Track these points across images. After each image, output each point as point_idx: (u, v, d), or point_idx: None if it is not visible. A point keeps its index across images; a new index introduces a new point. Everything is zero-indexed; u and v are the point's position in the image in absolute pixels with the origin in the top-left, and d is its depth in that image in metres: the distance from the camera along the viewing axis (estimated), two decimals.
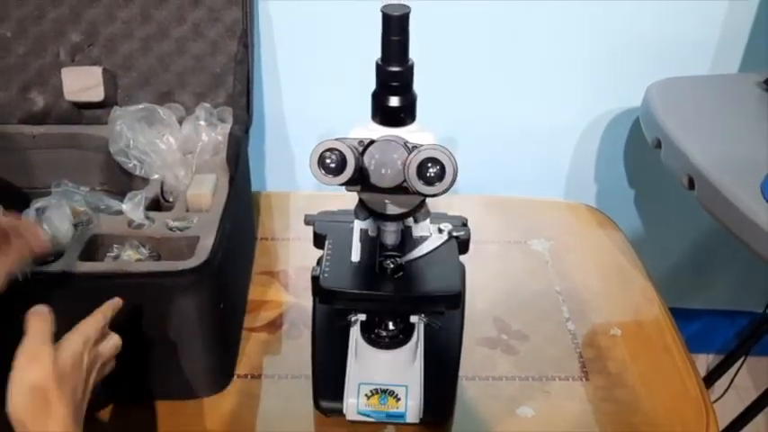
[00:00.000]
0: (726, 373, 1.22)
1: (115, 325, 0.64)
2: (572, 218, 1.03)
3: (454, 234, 0.64)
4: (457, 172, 0.48)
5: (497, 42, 1.00)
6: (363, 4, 0.92)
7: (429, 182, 0.48)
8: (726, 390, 1.20)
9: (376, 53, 0.52)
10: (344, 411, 0.65)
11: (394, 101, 0.52)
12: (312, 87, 1.03)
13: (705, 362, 1.39)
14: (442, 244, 0.63)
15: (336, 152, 0.48)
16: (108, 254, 0.68)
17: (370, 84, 0.53)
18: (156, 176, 0.79)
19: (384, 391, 0.64)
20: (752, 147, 0.80)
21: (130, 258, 0.67)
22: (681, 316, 0.88)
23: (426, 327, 0.66)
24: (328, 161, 0.49)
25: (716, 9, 0.98)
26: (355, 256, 0.61)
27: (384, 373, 0.65)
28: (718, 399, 1.17)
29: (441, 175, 0.48)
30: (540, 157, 1.11)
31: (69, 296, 0.62)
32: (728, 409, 1.11)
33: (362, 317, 0.65)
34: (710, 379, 1.24)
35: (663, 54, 1.00)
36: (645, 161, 1.10)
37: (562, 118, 1.07)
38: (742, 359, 1.18)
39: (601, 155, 1.11)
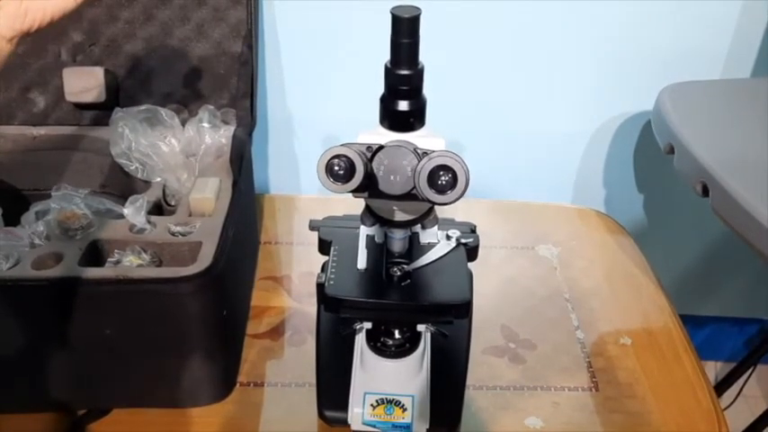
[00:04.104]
0: (735, 382, 1.21)
1: (116, 332, 0.63)
2: (581, 223, 1.01)
3: (462, 241, 0.63)
4: (469, 180, 0.46)
5: (506, 45, 0.99)
6: (372, 5, 0.91)
7: (440, 190, 0.47)
8: (734, 399, 1.18)
9: (384, 55, 0.50)
10: (349, 421, 0.63)
11: (403, 105, 0.51)
12: (318, 89, 1.02)
13: (714, 369, 1.37)
14: (451, 251, 0.62)
15: (344, 159, 0.47)
16: (108, 259, 0.67)
17: (378, 87, 0.52)
18: (159, 179, 0.78)
19: (390, 401, 0.63)
20: (767, 154, 0.79)
21: (131, 264, 0.65)
22: (690, 323, 0.86)
23: (433, 336, 0.64)
24: (336, 168, 0.47)
25: (728, 13, 0.96)
26: (361, 263, 0.60)
27: (390, 382, 0.63)
28: (726, 407, 1.15)
29: (452, 184, 0.46)
30: (549, 161, 1.09)
31: (69, 303, 0.61)
32: (738, 419, 1.09)
33: (368, 325, 0.63)
34: (720, 388, 1.22)
35: (674, 58, 0.99)
36: (655, 166, 1.08)
37: (572, 122, 1.06)
38: (751, 368, 1.16)
39: (611, 160, 1.10)
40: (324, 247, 0.65)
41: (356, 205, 0.58)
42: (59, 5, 0.48)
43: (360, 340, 0.64)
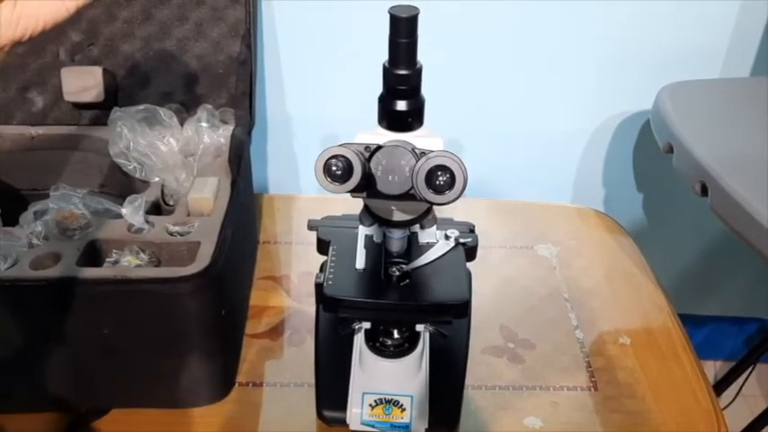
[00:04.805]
0: (734, 381, 1.21)
1: (114, 332, 0.63)
2: (580, 223, 1.01)
3: (461, 241, 0.63)
4: (467, 180, 0.46)
5: (505, 45, 0.99)
6: (371, 5, 0.91)
7: (438, 190, 0.47)
8: (734, 398, 1.18)
9: (383, 55, 0.50)
10: (348, 421, 0.63)
11: (401, 105, 0.51)
12: (316, 89, 1.02)
13: (713, 369, 1.37)
14: (449, 251, 0.62)
15: (342, 159, 0.47)
16: (107, 259, 0.66)
17: (377, 86, 0.52)
18: (157, 179, 0.78)
19: (389, 401, 0.63)
20: (767, 153, 0.78)
21: (130, 264, 0.65)
22: (689, 322, 0.86)
23: (432, 335, 0.64)
24: (334, 168, 0.47)
25: (727, 12, 0.96)
26: (360, 263, 0.60)
27: (389, 382, 0.63)
28: (726, 407, 1.15)
29: (450, 184, 0.46)
30: (548, 160, 1.09)
31: (67, 303, 0.60)
32: (737, 418, 1.09)
33: (367, 325, 0.63)
34: (719, 387, 1.22)
35: (673, 57, 0.99)
36: (655, 166, 1.08)
37: (571, 121, 1.06)
38: (751, 367, 1.16)
39: (610, 159, 1.10)
40: (322, 246, 0.65)
41: (355, 205, 0.58)
42: (52, 14, 0.47)
43: (358, 340, 0.64)
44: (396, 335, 0.63)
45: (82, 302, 0.61)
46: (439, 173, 0.46)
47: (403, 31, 0.48)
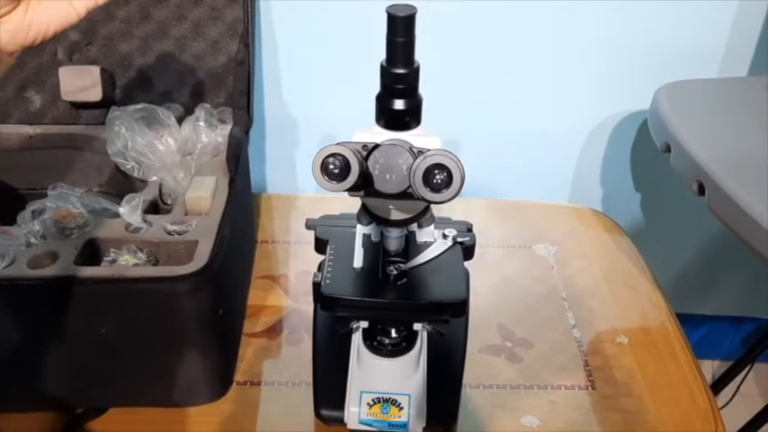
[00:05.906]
0: (732, 380, 1.21)
1: (112, 331, 0.63)
2: (578, 222, 1.01)
3: (459, 240, 0.63)
4: (464, 179, 0.46)
5: (503, 44, 0.99)
6: (367, 3, 0.91)
7: (435, 189, 0.47)
8: (732, 397, 1.18)
9: (380, 54, 0.50)
10: (346, 420, 0.63)
11: (399, 104, 0.51)
12: (314, 88, 1.02)
13: (710, 368, 1.38)
14: (447, 250, 0.62)
15: (340, 157, 0.47)
16: (105, 258, 0.66)
17: (374, 85, 0.52)
18: (155, 178, 0.78)
19: (386, 400, 0.63)
20: (764, 152, 0.79)
21: (127, 263, 0.65)
22: (687, 322, 0.87)
23: (430, 334, 0.64)
24: (331, 167, 0.47)
25: (725, 11, 0.96)
26: (358, 261, 0.60)
27: (386, 381, 0.63)
28: (723, 406, 1.15)
29: (448, 182, 0.46)
30: (546, 160, 1.09)
31: (65, 302, 0.60)
32: (735, 418, 1.09)
33: (365, 324, 0.63)
34: (717, 386, 1.22)
35: (671, 57, 0.99)
36: (652, 165, 1.08)
37: (568, 121, 1.06)
38: (748, 366, 1.16)
39: (607, 158, 1.10)
40: (320, 245, 0.65)
41: (353, 204, 0.58)
42: (62, 19, 0.48)
43: (356, 339, 0.64)
44: (393, 334, 0.63)
45: (79, 301, 0.61)
46: (436, 171, 0.46)
47: (400, 29, 0.48)
